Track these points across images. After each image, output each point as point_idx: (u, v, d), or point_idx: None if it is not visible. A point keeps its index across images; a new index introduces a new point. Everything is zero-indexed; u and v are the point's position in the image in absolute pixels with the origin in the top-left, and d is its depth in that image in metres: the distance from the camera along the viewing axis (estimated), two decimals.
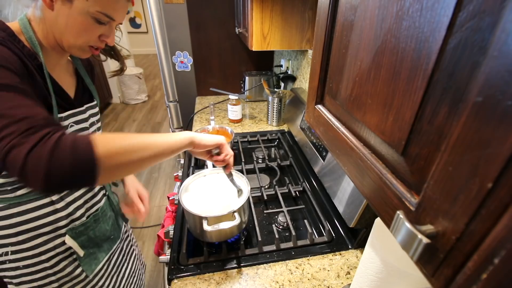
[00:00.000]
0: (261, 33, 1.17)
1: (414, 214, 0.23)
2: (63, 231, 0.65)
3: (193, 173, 0.90)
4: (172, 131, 2.07)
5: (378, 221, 0.48)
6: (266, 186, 1.04)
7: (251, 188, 0.90)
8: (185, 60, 1.89)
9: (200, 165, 1.18)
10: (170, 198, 1.05)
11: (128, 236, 0.90)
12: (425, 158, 0.23)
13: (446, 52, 0.20)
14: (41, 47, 0.56)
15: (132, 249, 0.91)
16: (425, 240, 0.21)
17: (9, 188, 0.56)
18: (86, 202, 0.69)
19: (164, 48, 1.75)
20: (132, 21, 6.82)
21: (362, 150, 0.34)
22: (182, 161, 1.23)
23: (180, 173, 1.18)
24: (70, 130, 0.63)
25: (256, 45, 1.18)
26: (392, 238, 0.43)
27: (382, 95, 0.29)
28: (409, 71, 0.24)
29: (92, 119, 0.71)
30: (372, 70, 0.30)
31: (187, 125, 1.82)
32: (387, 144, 0.29)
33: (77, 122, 0.65)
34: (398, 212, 0.25)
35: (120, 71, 0.76)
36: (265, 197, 0.95)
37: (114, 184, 0.84)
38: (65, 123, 0.62)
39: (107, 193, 0.78)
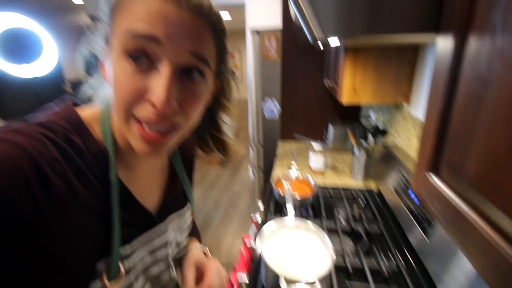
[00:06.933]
0: (352, 87, 1.17)
1: None
2: None
3: (272, 220, 0.89)
4: None
5: None
6: (349, 252, 0.92)
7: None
8: (273, 107, 2.04)
9: (280, 211, 1.16)
10: (244, 241, 1.05)
11: None
12: None
13: None
14: (114, 143, 0.39)
15: None
16: None
17: None
18: None
19: (256, 95, 1.94)
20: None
21: (501, 245, 0.27)
22: (261, 206, 1.24)
23: (258, 216, 1.19)
24: (138, 269, 0.42)
25: (346, 98, 1.18)
26: None
27: None
28: None
29: (173, 232, 0.50)
30: None
31: (268, 167, 1.89)
32: None
33: (153, 251, 0.45)
34: None
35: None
36: (350, 269, 0.84)
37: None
38: (133, 259, 0.41)
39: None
